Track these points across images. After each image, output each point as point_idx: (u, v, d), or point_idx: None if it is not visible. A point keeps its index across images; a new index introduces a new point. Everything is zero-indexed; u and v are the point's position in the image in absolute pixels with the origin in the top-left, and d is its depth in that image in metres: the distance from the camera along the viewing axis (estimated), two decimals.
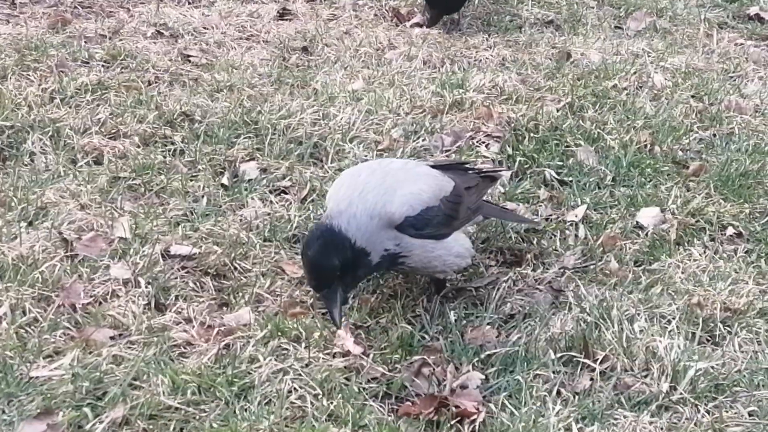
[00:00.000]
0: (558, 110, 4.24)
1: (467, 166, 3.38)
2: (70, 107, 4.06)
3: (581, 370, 2.91)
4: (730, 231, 3.60)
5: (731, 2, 5.69)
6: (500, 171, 3.58)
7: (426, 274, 3.13)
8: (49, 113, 3.97)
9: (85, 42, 4.64)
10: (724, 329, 3.11)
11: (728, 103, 4.45)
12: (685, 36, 5.24)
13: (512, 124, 4.10)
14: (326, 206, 2.99)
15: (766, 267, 3.42)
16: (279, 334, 2.97)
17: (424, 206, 2.96)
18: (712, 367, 2.92)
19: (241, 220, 3.51)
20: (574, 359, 2.93)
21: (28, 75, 4.26)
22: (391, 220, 2.90)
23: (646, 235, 3.56)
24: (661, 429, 2.73)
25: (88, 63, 4.45)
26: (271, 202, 3.63)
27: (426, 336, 3.01)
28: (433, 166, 3.19)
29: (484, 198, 3.35)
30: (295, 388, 2.75)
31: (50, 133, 3.85)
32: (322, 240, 2.82)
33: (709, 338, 3.09)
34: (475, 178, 3.26)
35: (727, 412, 2.78)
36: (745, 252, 3.51)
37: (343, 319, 2.91)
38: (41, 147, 3.79)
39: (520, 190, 3.77)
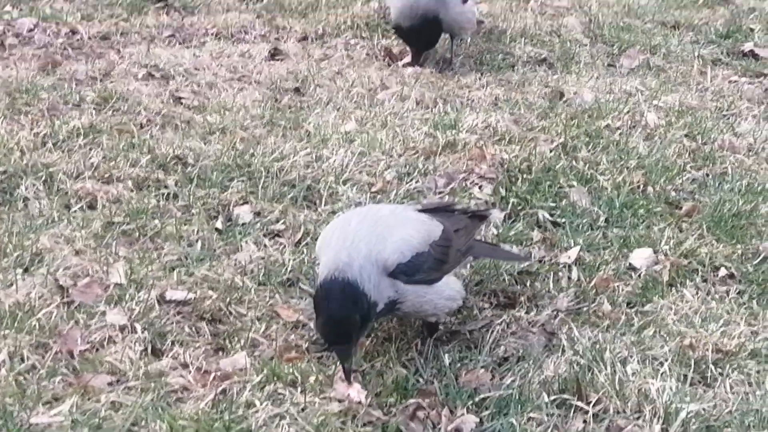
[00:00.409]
0: (551, 151, 4.42)
1: (454, 207, 3.51)
2: (62, 151, 4.23)
3: (574, 412, 3.06)
4: (722, 272, 3.77)
5: (725, 38, 5.89)
6: (488, 211, 3.71)
7: (418, 318, 3.29)
8: (42, 158, 4.14)
9: (75, 84, 4.82)
10: (716, 371, 3.27)
11: (721, 142, 4.64)
12: (679, 73, 5.45)
13: (505, 165, 4.28)
14: (318, 255, 3.14)
15: (757, 308, 3.59)
16: (275, 378, 3.12)
17: (414, 252, 3.11)
18: (704, 409, 3.08)
19: (235, 264, 3.67)
20: (568, 402, 3.09)
21: (20, 119, 4.43)
22: (386, 267, 3.06)
23: (639, 276, 3.73)
24: None
25: (79, 106, 4.63)
26: (265, 245, 3.80)
27: (420, 379, 3.17)
28: (421, 210, 3.34)
29: (476, 237, 3.52)
30: None
31: (43, 178, 4.02)
32: (343, 294, 2.94)
33: (700, 380, 3.25)
34: (464, 220, 3.40)
35: None
36: (737, 293, 3.68)
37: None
38: (35, 192, 3.96)
39: (514, 232, 3.94)
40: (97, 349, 3.21)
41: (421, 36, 5.25)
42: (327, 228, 3.23)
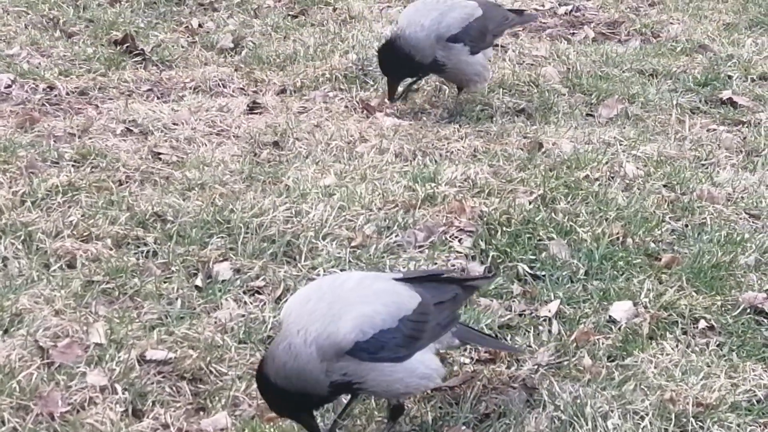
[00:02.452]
0: (530, 203, 4.52)
1: (442, 275, 3.45)
2: (41, 210, 4.30)
3: None
4: (702, 324, 3.87)
5: (703, 86, 6.02)
6: (480, 280, 3.73)
7: (389, 397, 3.21)
8: (21, 217, 4.21)
9: (54, 141, 4.90)
10: (696, 424, 3.35)
11: (700, 192, 4.74)
12: (657, 122, 5.56)
13: (484, 218, 4.37)
14: (281, 325, 3.17)
15: (737, 360, 3.69)
16: None
17: (377, 329, 3.07)
18: None
19: (215, 322, 3.75)
20: None
21: None
22: (339, 348, 3.03)
23: (619, 329, 3.82)
24: None
25: (57, 163, 4.70)
26: (245, 302, 3.88)
27: None
28: (400, 279, 3.27)
29: (468, 326, 3.50)
30: None
31: (22, 237, 4.09)
32: (260, 383, 3.10)
33: None
34: (453, 290, 3.33)
35: None
36: (717, 345, 3.77)
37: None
38: (14, 252, 4.02)
39: (494, 286, 4.03)
40: (78, 411, 3.28)
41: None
42: (291, 299, 3.23)
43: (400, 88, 5.54)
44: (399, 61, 5.32)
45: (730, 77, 6.11)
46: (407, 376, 3.14)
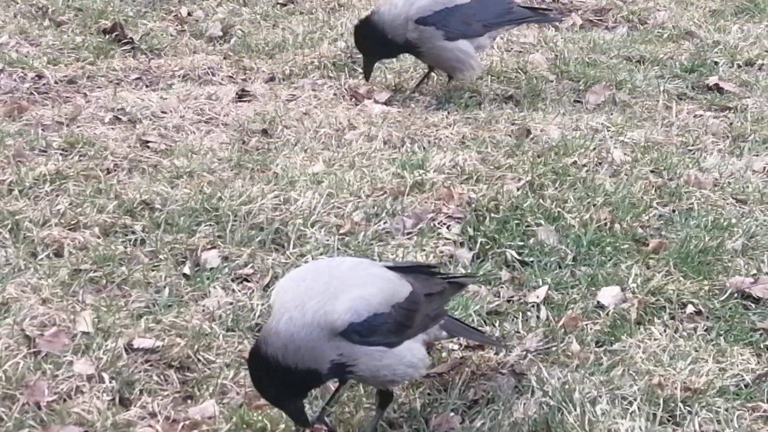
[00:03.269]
0: (518, 189, 4.46)
1: (435, 270, 3.40)
2: (29, 199, 4.24)
3: None
4: (689, 309, 3.82)
5: (690, 72, 5.97)
6: (469, 278, 3.65)
7: (376, 384, 3.16)
8: (8, 206, 4.14)
9: (42, 130, 4.83)
10: (685, 409, 3.31)
11: (687, 178, 4.69)
12: (645, 108, 5.51)
13: (473, 205, 4.32)
14: (272, 307, 3.08)
15: (725, 345, 3.64)
16: (244, 426, 3.14)
17: (371, 312, 3.01)
18: None
19: (203, 310, 3.69)
20: None
21: None
22: (333, 327, 2.97)
23: (607, 314, 3.77)
24: None
25: (45, 152, 4.64)
26: (233, 290, 3.82)
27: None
28: (391, 268, 3.22)
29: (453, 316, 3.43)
30: None
31: (9, 226, 4.02)
32: (257, 368, 3.00)
33: (669, 418, 3.30)
34: (441, 284, 3.28)
35: None
36: (705, 330, 3.73)
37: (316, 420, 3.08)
38: (1, 241, 3.96)
39: (482, 272, 3.98)
40: (65, 400, 3.22)
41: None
42: (283, 281, 3.16)
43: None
44: (373, 39, 5.28)
45: (716, 63, 6.06)
46: (395, 363, 3.08)
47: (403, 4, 5.27)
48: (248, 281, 3.88)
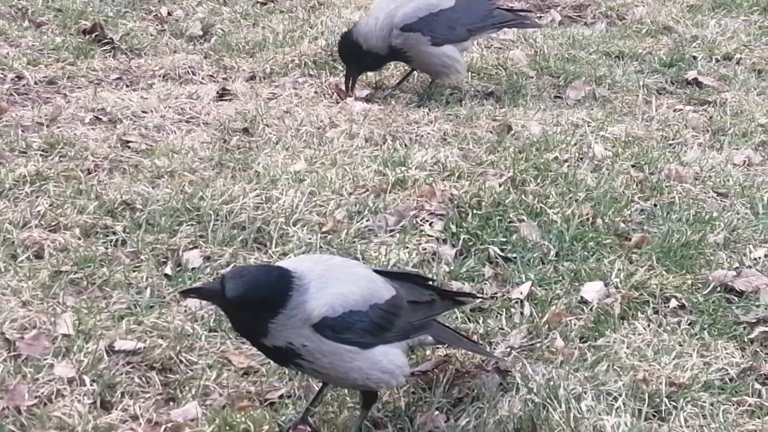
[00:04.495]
0: (500, 185, 4.39)
1: (426, 281, 3.34)
2: (8, 200, 4.14)
3: None
4: (673, 303, 3.76)
5: (669, 67, 5.92)
6: (469, 298, 3.53)
7: (348, 387, 3.09)
8: None
9: (22, 131, 4.74)
10: (670, 404, 3.25)
11: (668, 172, 4.63)
12: (625, 103, 5.46)
13: (455, 201, 4.25)
14: None
15: (709, 339, 3.58)
16: (227, 428, 3.06)
17: (347, 309, 2.96)
18: None
19: (185, 310, 3.61)
20: None
21: None
22: (309, 318, 2.92)
23: (591, 310, 3.71)
24: None
25: (25, 153, 4.54)
26: None
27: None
28: (380, 272, 3.17)
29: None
30: None
31: None
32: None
33: (655, 414, 3.24)
34: (430, 295, 3.21)
35: None
36: (689, 324, 3.67)
37: None
38: None
39: (465, 269, 3.91)
40: (45, 404, 3.15)
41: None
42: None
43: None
44: (354, 53, 5.23)
45: (695, 58, 6.03)
46: (368, 367, 2.99)
47: (386, 15, 5.20)
48: None
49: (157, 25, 6.17)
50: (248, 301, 2.87)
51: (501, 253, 4.01)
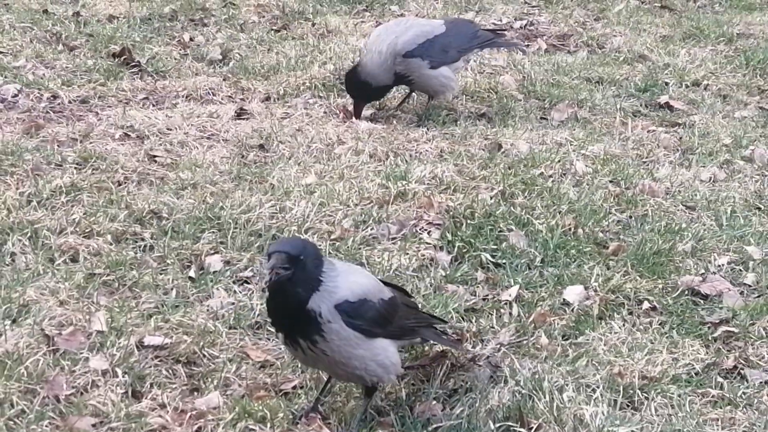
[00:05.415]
0: (491, 198, 4.47)
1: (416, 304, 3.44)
2: (46, 209, 4.21)
3: None
4: (645, 305, 3.84)
5: (644, 92, 6.00)
6: (438, 321, 3.49)
7: (346, 372, 3.11)
8: (27, 215, 4.11)
9: (57, 146, 4.80)
10: (642, 395, 3.33)
11: (642, 187, 4.71)
12: (603, 124, 5.53)
13: (451, 212, 4.33)
14: None
15: (678, 337, 3.67)
16: (246, 415, 3.13)
17: (362, 297, 3.04)
18: (633, 431, 3.13)
19: (207, 310, 3.68)
20: (512, 429, 3.14)
21: (6, 179, 4.40)
22: (335, 295, 3.00)
23: (572, 311, 3.79)
24: None
25: (61, 165, 4.61)
26: (234, 291, 3.81)
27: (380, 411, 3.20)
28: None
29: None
30: None
31: (29, 234, 4.00)
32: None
33: (629, 404, 3.32)
34: (415, 305, 3.35)
35: None
36: (659, 324, 3.75)
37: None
38: (21, 248, 3.93)
39: (460, 273, 3.99)
40: (82, 393, 3.21)
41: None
42: None
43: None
44: (360, 86, 5.33)
45: (667, 84, 6.11)
46: (369, 357, 3.06)
47: (388, 46, 5.29)
48: (248, 283, 3.87)
49: (180, 49, 6.24)
50: (309, 254, 2.96)
51: (492, 260, 4.08)
